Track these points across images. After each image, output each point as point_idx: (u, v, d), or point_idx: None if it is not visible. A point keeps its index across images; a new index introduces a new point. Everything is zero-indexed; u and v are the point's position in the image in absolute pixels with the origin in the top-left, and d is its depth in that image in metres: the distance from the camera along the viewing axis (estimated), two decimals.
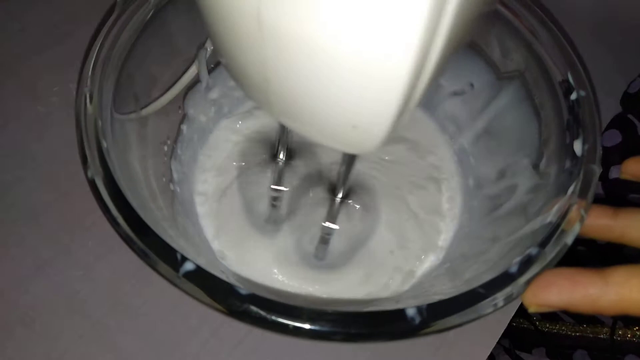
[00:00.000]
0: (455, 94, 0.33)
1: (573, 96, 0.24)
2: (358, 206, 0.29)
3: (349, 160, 0.21)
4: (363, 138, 0.15)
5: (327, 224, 0.26)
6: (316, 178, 0.30)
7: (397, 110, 0.13)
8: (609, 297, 0.18)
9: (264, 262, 0.29)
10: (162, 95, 0.29)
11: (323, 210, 0.26)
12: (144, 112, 0.27)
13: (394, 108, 0.13)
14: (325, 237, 0.28)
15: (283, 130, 0.24)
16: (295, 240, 0.30)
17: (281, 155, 0.26)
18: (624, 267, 0.18)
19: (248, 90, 0.17)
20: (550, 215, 0.22)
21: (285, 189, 0.27)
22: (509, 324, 0.31)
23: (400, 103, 0.13)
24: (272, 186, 0.27)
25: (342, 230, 0.27)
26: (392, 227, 0.31)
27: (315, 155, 0.33)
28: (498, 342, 0.30)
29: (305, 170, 0.30)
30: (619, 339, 0.40)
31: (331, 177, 0.29)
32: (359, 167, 0.32)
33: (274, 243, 0.30)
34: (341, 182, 0.23)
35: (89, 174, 0.21)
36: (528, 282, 0.20)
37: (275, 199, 0.29)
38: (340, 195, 0.24)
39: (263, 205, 0.30)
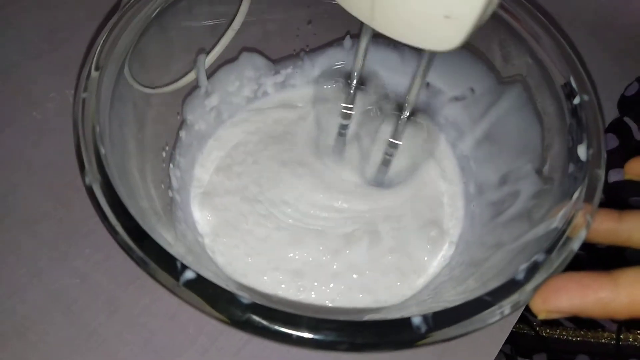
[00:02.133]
0: (456, 99, 0.33)
1: (576, 100, 0.24)
2: (423, 123, 0.31)
3: (425, 69, 0.23)
4: (452, 30, 0.17)
5: (392, 139, 0.27)
6: (383, 102, 0.32)
7: None
8: (621, 300, 0.18)
9: (261, 268, 0.29)
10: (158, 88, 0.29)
11: (389, 129, 0.28)
12: (147, 90, 0.27)
13: None
14: (387, 158, 0.29)
15: (359, 54, 0.25)
16: (357, 163, 0.32)
17: (354, 81, 0.27)
18: (633, 269, 0.18)
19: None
20: (556, 221, 0.21)
21: (352, 111, 0.29)
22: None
23: None
24: (343, 105, 0.28)
25: (404, 149, 0.29)
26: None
27: (383, 83, 0.35)
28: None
29: (374, 95, 0.32)
30: (621, 343, 0.40)
31: (398, 99, 0.31)
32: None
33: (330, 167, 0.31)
34: (411, 98, 0.24)
35: (87, 181, 0.21)
36: (535, 289, 0.19)
37: (343, 126, 0.30)
38: (407, 111, 0.25)
39: (332, 131, 0.31)
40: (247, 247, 0.30)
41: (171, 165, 0.30)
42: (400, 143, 0.27)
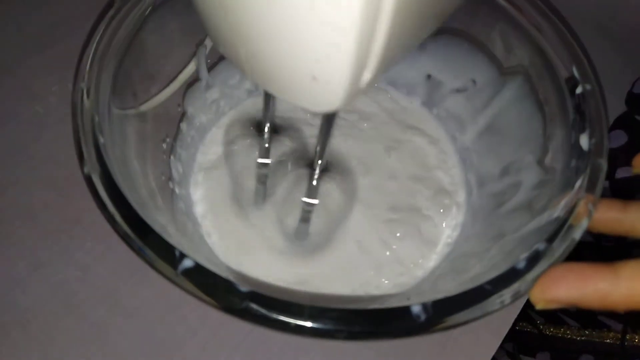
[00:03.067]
0: (457, 90, 0.32)
1: (578, 90, 0.24)
2: (337, 178, 0.29)
3: (325, 127, 0.21)
4: (325, 92, 0.15)
5: (306, 199, 0.25)
6: (301, 153, 0.31)
7: (353, 61, 0.13)
8: (620, 292, 0.18)
9: (263, 257, 0.29)
10: (161, 90, 0.28)
11: (304, 186, 0.26)
12: (143, 107, 0.26)
13: (349, 58, 0.13)
14: (305, 215, 0.27)
15: (267, 103, 0.24)
16: (278, 220, 0.30)
17: (266, 130, 0.25)
18: (634, 261, 0.18)
19: (225, 49, 0.18)
20: (557, 211, 0.21)
21: (269, 161, 0.27)
22: (513, 328, 0.30)
23: (354, 53, 0.13)
24: (258, 159, 0.27)
25: (322, 207, 0.27)
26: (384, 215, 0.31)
27: (300, 131, 0.33)
28: (501, 346, 0.30)
29: (290, 146, 0.30)
30: (626, 343, 0.40)
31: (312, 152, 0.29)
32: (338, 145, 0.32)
33: (255, 225, 0.30)
34: (318, 154, 0.22)
35: (85, 170, 0.21)
36: (536, 278, 0.19)
37: (262, 176, 0.28)
38: (318, 169, 0.23)
39: (249, 184, 0.30)
40: (241, 235, 0.30)
41: (172, 157, 0.30)
42: (316, 202, 0.25)
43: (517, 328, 0.47)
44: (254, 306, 0.18)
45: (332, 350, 0.29)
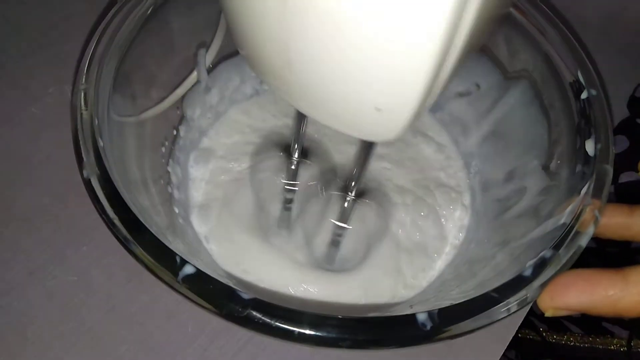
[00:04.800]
0: (461, 94, 0.32)
1: (584, 95, 0.24)
2: (372, 204, 0.28)
3: (365, 153, 0.20)
4: (386, 123, 0.14)
5: (339, 223, 0.25)
6: (329, 177, 0.30)
7: (424, 91, 0.13)
8: (631, 298, 0.17)
9: (266, 265, 0.29)
10: (161, 101, 0.28)
11: (335, 210, 0.26)
12: (143, 116, 0.26)
13: (421, 88, 0.13)
14: (336, 239, 0.27)
15: (298, 126, 0.23)
16: (304, 243, 0.29)
17: (295, 154, 0.24)
18: None
19: (268, 77, 0.16)
20: (564, 217, 0.21)
21: (295, 185, 0.27)
22: (515, 336, 0.30)
23: (427, 83, 0.12)
24: (284, 181, 0.26)
25: (354, 232, 0.27)
26: (403, 229, 0.30)
27: (329, 154, 0.32)
28: (504, 355, 0.29)
29: (318, 169, 0.29)
30: (632, 349, 0.39)
31: (345, 176, 0.29)
32: (373, 166, 0.31)
33: (277, 247, 0.29)
34: (355, 178, 0.22)
35: (85, 174, 0.20)
36: (542, 286, 0.19)
37: (287, 200, 0.28)
38: (353, 192, 0.23)
39: (273, 207, 0.29)
40: (243, 244, 0.29)
41: (170, 161, 0.30)
42: (348, 227, 0.25)
43: (519, 335, 0.47)
44: (256, 314, 0.17)
45: (334, 357, 0.28)
